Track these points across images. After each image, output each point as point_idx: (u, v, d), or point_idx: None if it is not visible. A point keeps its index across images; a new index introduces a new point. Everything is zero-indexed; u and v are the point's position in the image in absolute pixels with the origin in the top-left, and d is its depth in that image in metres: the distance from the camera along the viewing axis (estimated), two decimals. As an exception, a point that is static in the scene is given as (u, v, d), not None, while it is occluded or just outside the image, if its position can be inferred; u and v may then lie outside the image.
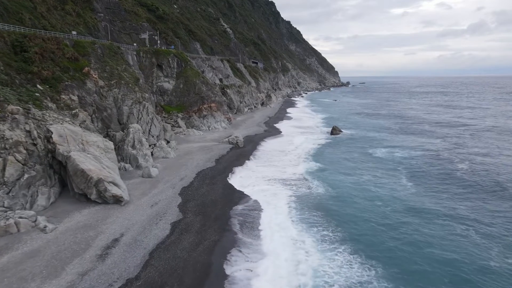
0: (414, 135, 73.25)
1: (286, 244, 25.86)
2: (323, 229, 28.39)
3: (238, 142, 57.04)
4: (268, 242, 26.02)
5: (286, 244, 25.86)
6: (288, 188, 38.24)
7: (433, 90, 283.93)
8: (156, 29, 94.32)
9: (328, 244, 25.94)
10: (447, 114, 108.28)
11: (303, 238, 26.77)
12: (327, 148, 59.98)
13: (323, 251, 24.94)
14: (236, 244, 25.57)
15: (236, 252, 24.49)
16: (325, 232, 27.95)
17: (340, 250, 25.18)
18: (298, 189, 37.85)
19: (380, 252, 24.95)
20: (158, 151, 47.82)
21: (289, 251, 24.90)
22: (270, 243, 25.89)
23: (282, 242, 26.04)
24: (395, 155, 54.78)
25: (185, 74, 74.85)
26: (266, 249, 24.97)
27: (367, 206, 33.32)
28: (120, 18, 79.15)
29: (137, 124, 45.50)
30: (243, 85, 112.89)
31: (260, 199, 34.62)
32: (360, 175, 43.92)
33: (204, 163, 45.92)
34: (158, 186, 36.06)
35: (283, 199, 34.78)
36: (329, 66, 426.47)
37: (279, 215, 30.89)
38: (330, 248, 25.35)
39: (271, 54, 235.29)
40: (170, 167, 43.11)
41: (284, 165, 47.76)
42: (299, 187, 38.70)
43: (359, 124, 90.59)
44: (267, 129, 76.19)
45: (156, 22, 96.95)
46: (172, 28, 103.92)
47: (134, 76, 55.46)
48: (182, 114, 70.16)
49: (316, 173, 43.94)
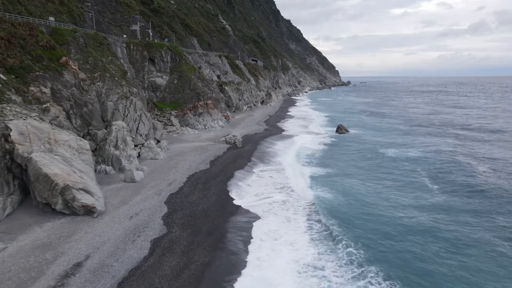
0: (424, 134, 68.07)
1: (296, 269, 20.64)
2: (344, 249, 23.19)
3: (236, 142, 51.88)
4: (275, 267, 20.81)
5: (296, 269, 20.64)
6: (293, 195, 33.04)
7: (435, 89, 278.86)
8: (149, 22, 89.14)
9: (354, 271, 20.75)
10: (454, 113, 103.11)
11: (321, 262, 21.45)
12: (335, 148, 54.82)
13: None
14: (232, 269, 20.40)
15: (232, 280, 19.34)
16: (348, 255, 22.76)
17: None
18: (306, 196, 32.65)
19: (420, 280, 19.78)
20: (146, 152, 42.64)
21: (303, 278, 19.71)
22: (278, 268, 20.67)
23: (291, 264, 20.85)
24: (408, 155, 49.66)
25: (179, 69, 69.67)
26: (273, 278, 19.72)
27: (389, 218, 28.10)
28: (110, 9, 73.91)
29: (122, 122, 40.32)
30: (242, 82, 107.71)
31: (262, 209, 29.44)
32: (377, 178, 38.73)
33: (197, 165, 40.75)
34: (141, 192, 30.88)
35: (290, 209, 29.57)
36: (330, 65, 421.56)
37: (286, 229, 25.67)
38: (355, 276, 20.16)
39: (271, 52, 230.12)
40: (159, 169, 37.94)
41: (287, 167, 42.55)
42: (307, 193, 33.50)
43: (365, 123, 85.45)
44: (267, 128, 71.00)
45: (150, 15, 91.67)
46: (168, 22, 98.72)
47: (121, 69, 50.27)
48: (176, 112, 64.98)
49: (327, 178, 38.75)
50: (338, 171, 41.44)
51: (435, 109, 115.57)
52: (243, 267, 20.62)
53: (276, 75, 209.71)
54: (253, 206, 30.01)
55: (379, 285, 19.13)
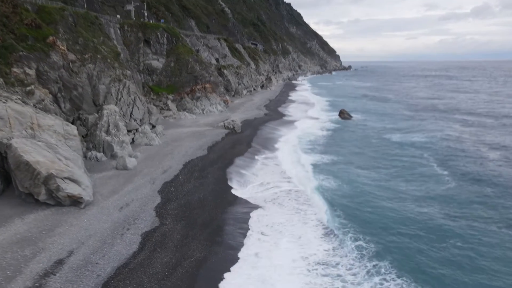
0: (428, 119, 65.81)
1: (300, 266, 18.86)
2: (353, 242, 21.40)
3: (235, 127, 49.79)
4: (279, 262, 19.04)
5: (300, 266, 18.86)
6: (296, 184, 31.14)
7: (438, 74, 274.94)
8: (144, 2, 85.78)
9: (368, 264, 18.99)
10: (459, 98, 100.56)
11: (330, 257, 19.66)
12: (338, 134, 52.79)
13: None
14: (230, 265, 18.64)
15: (230, 278, 17.59)
16: (360, 247, 20.98)
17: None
18: (310, 185, 30.76)
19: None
20: (140, 138, 40.60)
21: (312, 276, 17.94)
22: (282, 263, 18.91)
23: (296, 260, 19.08)
24: (414, 141, 47.71)
25: (176, 51, 66.93)
26: (274, 278, 17.94)
27: (399, 208, 26.27)
28: (103, -11, 70.62)
29: (114, 106, 38.16)
30: (241, 66, 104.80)
31: (262, 198, 27.60)
32: (384, 166, 36.81)
33: (194, 151, 38.77)
34: (134, 180, 28.98)
35: (293, 199, 27.68)
36: (331, 50, 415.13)
37: (290, 220, 23.83)
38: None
39: (271, 36, 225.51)
40: (153, 156, 35.97)
41: (289, 154, 40.59)
42: (311, 182, 31.61)
43: (367, 107, 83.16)
44: (268, 112, 68.76)
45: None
46: (164, 3, 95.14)
47: (114, 50, 47.77)
48: (173, 96, 62.63)
49: (331, 166, 36.84)
50: (342, 158, 39.51)
51: (438, 94, 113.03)
52: (243, 263, 18.86)
53: (276, 59, 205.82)
54: (252, 196, 28.17)
55: (394, 282, 17.40)
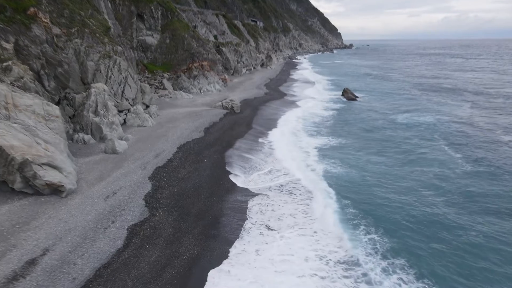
0: (435, 98, 62.96)
1: (308, 267, 16.71)
2: (365, 233, 19.23)
3: (234, 107, 47.13)
4: (284, 257, 16.91)
5: (308, 267, 16.71)
6: (301, 168, 28.81)
7: (442, 52, 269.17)
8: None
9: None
10: (466, 77, 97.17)
11: (343, 253, 17.64)
12: (342, 114, 50.15)
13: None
14: (227, 263, 16.50)
15: (226, 280, 15.46)
16: (372, 241, 18.81)
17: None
18: (316, 172, 28.43)
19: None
20: (132, 118, 38.04)
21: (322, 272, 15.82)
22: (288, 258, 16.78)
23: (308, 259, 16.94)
24: (422, 121, 45.27)
25: (172, 26, 63.45)
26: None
27: (413, 196, 24.00)
28: (93, -41, 66.34)
29: (102, 84, 35.37)
30: (241, 43, 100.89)
31: (264, 185, 25.33)
32: (393, 149, 34.40)
33: (190, 133, 36.31)
34: (123, 165, 26.62)
35: (297, 188, 25.37)
36: (332, 28, 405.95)
37: (294, 212, 21.60)
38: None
39: (271, 13, 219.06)
40: (145, 138, 33.52)
41: (293, 136, 38.12)
42: (317, 168, 29.27)
43: (371, 86, 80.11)
44: (268, 91, 65.86)
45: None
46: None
47: (103, 24, 44.49)
48: (169, 74, 59.63)
49: (338, 150, 34.39)
50: (348, 141, 37.05)
51: (444, 72, 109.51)
52: (242, 261, 16.71)
53: (276, 37, 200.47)
54: (253, 182, 25.87)
55: (413, 284, 15.29)
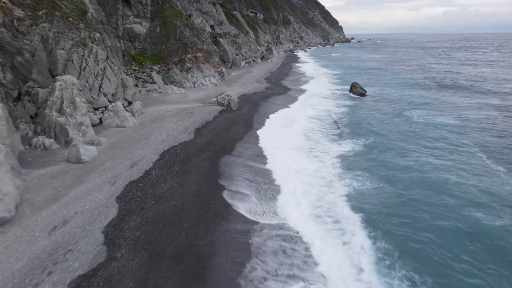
0: (451, 95, 56.54)
1: None
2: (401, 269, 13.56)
3: (230, 103, 41.33)
4: None
5: None
6: (318, 183, 23.05)
7: (446, 45, 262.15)
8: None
9: None
10: (478, 71, 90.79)
11: None
12: (353, 112, 44.31)
13: None
14: None
15: None
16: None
17: None
18: (341, 186, 22.68)
19: None
20: (110, 118, 32.24)
21: None
22: None
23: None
24: (444, 122, 39.35)
25: (162, 14, 57.43)
26: None
27: (461, 219, 18.33)
28: None
29: (71, 76, 29.50)
30: (239, 34, 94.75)
31: (270, 206, 19.59)
32: (422, 155, 28.65)
33: (177, 134, 30.57)
34: (87, 179, 20.91)
35: (320, 210, 19.64)
36: (333, 21, 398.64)
37: (315, 244, 15.88)
38: None
39: (271, 4, 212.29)
40: (123, 142, 27.77)
41: (301, 139, 32.30)
42: (338, 180, 23.51)
43: (379, 80, 74.20)
44: (269, 86, 59.97)
45: (129, -49, 77.20)
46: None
47: (79, 7, 38.55)
48: (159, 66, 53.71)
49: (357, 156, 28.59)
50: (368, 144, 31.23)
51: (453, 66, 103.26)
52: None
53: (277, 29, 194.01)
54: (258, 196, 20.14)
55: None
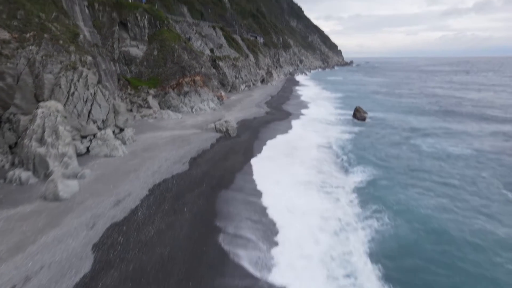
0: (459, 121, 54.05)
1: None
2: None
3: (229, 129, 38.99)
4: None
5: None
6: (328, 226, 20.31)
7: (445, 69, 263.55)
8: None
9: None
10: (482, 95, 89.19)
11: None
12: (360, 138, 41.87)
13: None
14: None
15: None
16: None
17: None
18: (357, 225, 19.95)
19: None
20: (98, 146, 29.76)
21: None
22: None
23: None
24: (455, 151, 36.86)
25: (160, 36, 55.96)
26: None
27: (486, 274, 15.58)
28: (75, -37, 59.43)
29: (56, 102, 27.23)
30: (239, 58, 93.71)
31: (281, 257, 16.79)
32: (432, 186, 26.04)
33: (170, 165, 28.03)
34: (63, 221, 18.23)
35: (332, 255, 16.86)
36: (332, 45, 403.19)
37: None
38: None
39: (271, 28, 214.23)
40: (109, 175, 25.18)
41: (307, 170, 29.63)
42: (354, 217, 20.78)
43: (382, 104, 72.28)
44: (269, 110, 57.88)
45: (129, -24, 76.96)
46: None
47: (71, 30, 36.75)
48: (155, 90, 51.73)
49: (374, 188, 25.95)
50: (377, 179, 28.47)
51: (458, 90, 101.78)
52: None
53: (276, 52, 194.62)
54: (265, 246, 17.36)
55: None
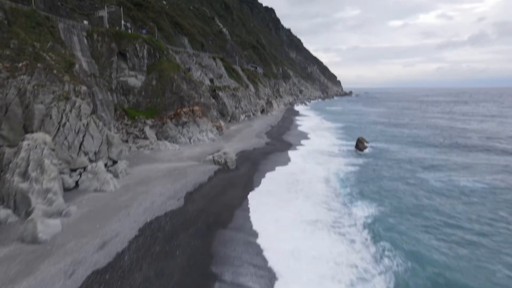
0: (466, 152, 52.33)
1: None
2: None
3: (228, 161, 37.30)
4: None
5: None
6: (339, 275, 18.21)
7: (445, 99, 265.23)
8: (130, 17, 75.35)
9: None
10: (486, 125, 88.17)
11: None
12: (363, 171, 40.03)
13: None
14: None
15: None
16: None
17: None
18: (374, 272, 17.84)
19: None
20: (87, 180, 27.98)
21: None
22: None
23: None
24: (468, 186, 34.96)
25: (159, 67, 55.41)
26: None
27: None
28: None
29: (44, 134, 25.72)
30: (239, 87, 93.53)
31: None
32: (450, 232, 23.99)
33: (164, 201, 26.14)
34: (38, 269, 16.20)
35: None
36: (331, 75, 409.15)
37: None
38: None
39: (271, 59, 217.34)
40: (97, 212, 23.24)
41: (313, 207, 27.62)
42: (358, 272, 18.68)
43: (385, 135, 70.90)
44: (270, 141, 56.42)
45: (131, 8, 77.98)
46: (153, 18, 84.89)
47: (66, 59, 35.91)
48: (153, 121, 50.46)
49: (386, 230, 23.90)
50: (391, 215, 26.61)
51: (460, 122, 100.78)
52: None
53: (276, 83, 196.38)
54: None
55: None
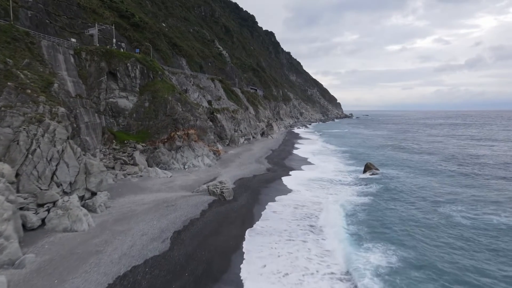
0: (487, 179, 48.12)
1: None
2: None
3: (224, 192, 32.97)
4: None
5: None
6: None
7: (447, 121, 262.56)
8: (126, 37, 72.66)
9: None
10: (500, 149, 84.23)
11: None
12: (376, 204, 35.55)
13: None
14: None
15: None
16: None
17: None
18: None
19: None
20: (56, 218, 23.61)
21: None
22: None
23: None
24: (499, 222, 30.50)
25: (153, 87, 51.90)
26: None
27: None
28: (68, 14, 57.24)
29: (1, 164, 21.56)
30: (238, 110, 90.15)
31: None
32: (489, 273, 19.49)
33: (146, 244, 21.72)
34: None
35: None
36: (331, 98, 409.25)
37: None
38: None
39: (271, 82, 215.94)
40: (60, 261, 18.79)
41: (319, 253, 23.17)
42: None
43: (394, 159, 66.67)
44: (271, 167, 52.19)
45: (127, 28, 75.43)
46: (151, 39, 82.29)
47: (43, 78, 32.21)
48: (144, 145, 46.42)
49: (395, 276, 19.47)
50: (407, 263, 22.10)
51: (467, 145, 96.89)
52: None
53: (277, 105, 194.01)
54: None
55: None
